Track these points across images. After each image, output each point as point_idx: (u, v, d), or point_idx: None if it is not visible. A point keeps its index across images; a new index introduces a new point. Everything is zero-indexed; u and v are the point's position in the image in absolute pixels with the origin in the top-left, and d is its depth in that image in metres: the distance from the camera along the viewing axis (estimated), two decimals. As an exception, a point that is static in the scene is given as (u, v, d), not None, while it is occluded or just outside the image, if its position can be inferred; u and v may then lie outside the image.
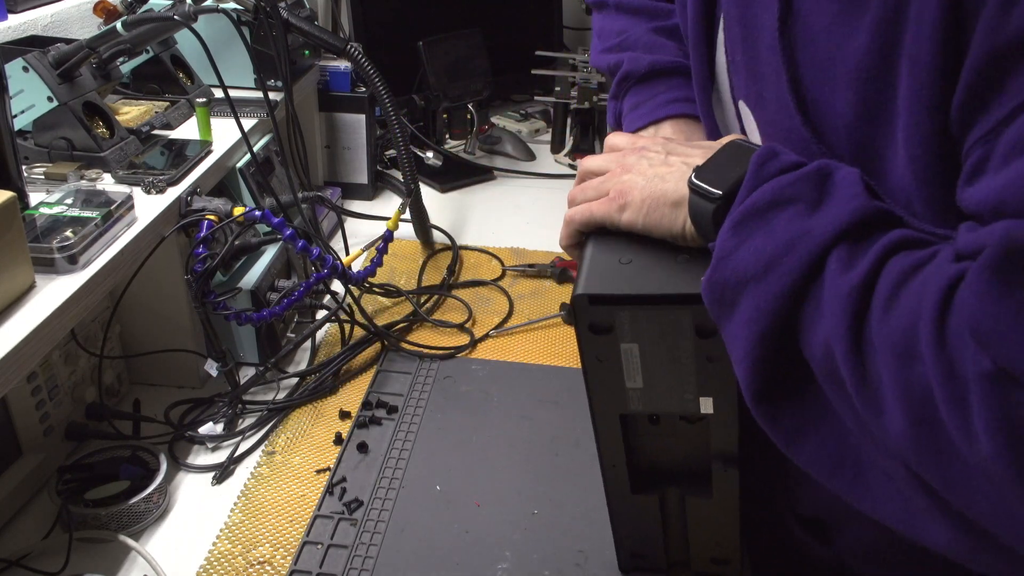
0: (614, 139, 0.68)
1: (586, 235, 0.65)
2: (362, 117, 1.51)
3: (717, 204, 0.54)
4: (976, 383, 0.40)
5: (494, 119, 1.95)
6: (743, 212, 0.52)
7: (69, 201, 0.83)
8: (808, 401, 0.50)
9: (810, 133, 0.55)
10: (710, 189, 0.54)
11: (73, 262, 0.76)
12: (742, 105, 0.64)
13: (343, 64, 1.47)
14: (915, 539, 0.47)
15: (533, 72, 1.88)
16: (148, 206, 0.90)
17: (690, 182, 0.56)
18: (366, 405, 1.03)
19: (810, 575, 0.75)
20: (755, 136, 0.63)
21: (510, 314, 1.24)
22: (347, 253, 1.31)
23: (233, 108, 1.04)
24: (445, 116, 1.71)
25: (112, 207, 0.83)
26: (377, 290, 1.26)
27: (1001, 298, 0.40)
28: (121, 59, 1.01)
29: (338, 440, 0.97)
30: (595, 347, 0.61)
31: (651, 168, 0.61)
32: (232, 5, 1.14)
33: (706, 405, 0.63)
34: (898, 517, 0.48)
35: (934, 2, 0.44)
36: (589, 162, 0.68)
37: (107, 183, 0.93)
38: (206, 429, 0.97)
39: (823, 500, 0.68)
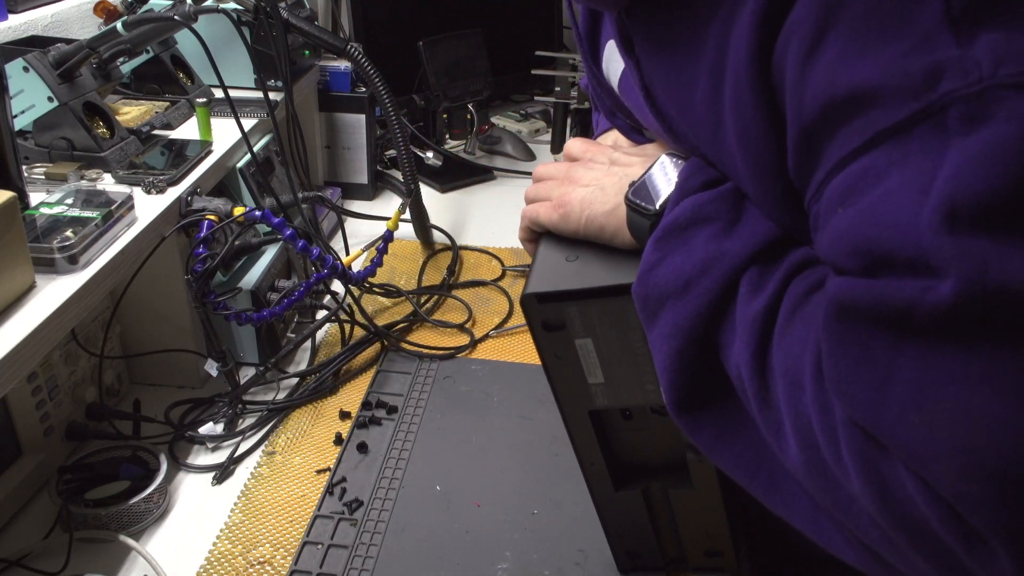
0: (570, 146, 0.71)
1: (539, 234, 0.68)
2: (362, 117, 1.51)
3: (652, 220, 0.56)
4: (841, 425, 0.43)
5: (494, 119, 1.95)
6: (665, 228, 0.54)
7: (69, 201, 0.83)
8: (727, 412, 0.52)
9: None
10: (644, 205, 0.57)
11: (73, 262, 0.76)
12: None
13: (343, 64, 1.47)
14: (828, 550, 0.48)
15: (533, 72, 1.88)
16: (148, 206, 0.90)
17: (627, 198, 0.59)
18: (366, 405, 1.03)
19: (806, 564, 0.75)
20: None
21: (510, 314, 1.24)
22: (347, 253, 1.31)
23: (233, 108, 1.04)
24: (445, 116, 1.71)
25: (112, 207, 0.83)
26: (377, 290, 1.26)
27: (839, 355, 0.42)
28: (121, 59, 1.01)
29: (338, 440, 0.97)
30: (551, 345, 0.63)
31: (593, 178, 0.64)
32: (232, 5, 1.14)
33: None
34: (810, 528, 0.49)
35: (746, 82, 0.47)
36: (543, 168, 0.71)
37: (107, 183, 0.93)
38: (206, 429, 0.97)
39: None
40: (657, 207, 0.56)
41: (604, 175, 0.64)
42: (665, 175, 0.58)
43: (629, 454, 0.72)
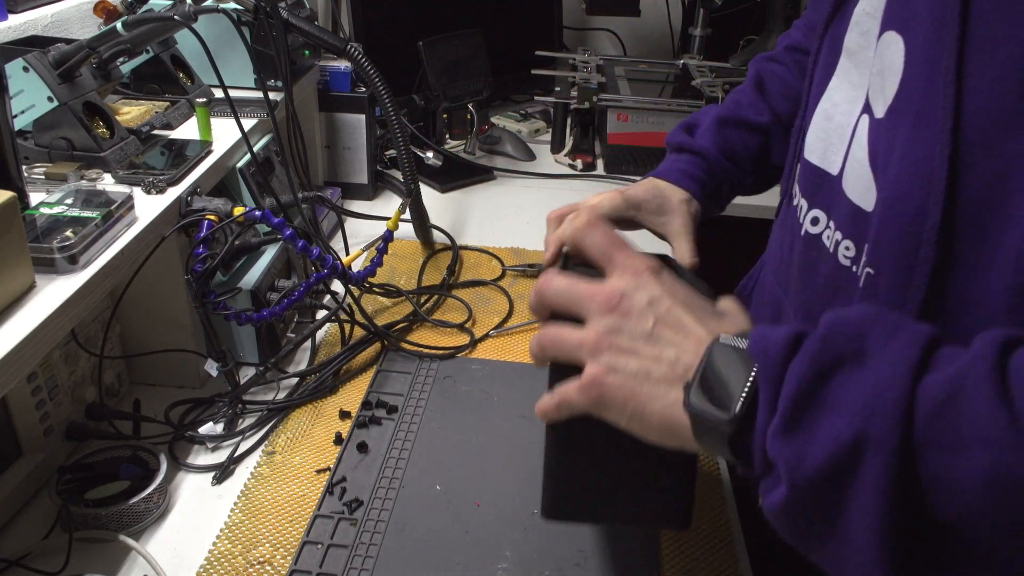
0: (591, 242, 0.59)
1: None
2: (362, 117, 1.51)
3: (734, 428, 0.47)
4: None
5: (494, 119, 1.95)
6: (787, 409, 0.44)
7: (69, 201, 0.83)
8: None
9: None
10: (716, 414, 0.48)
11: (73, 262, 0.76)
12: (890, 36, 0.59)
13: (343, 64, 1.47)
14: None
15: (533, 72, 1.89)
16: (148, 206, 0.90)
17: (690, 407, 0.49)
18: (366, 405, 1.03)
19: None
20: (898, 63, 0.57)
21: (510, 314, 1.25)
22: (347, 253, 1.31)
23: (233, 108, 1.04)
24: (445, 116, 1.71)
25: (112, 207, 0.83)
26: (377, 290, 1.26)
27: None
28: (121, 59, 1.01)
29: (338, 440, 0.97)
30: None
31: (633, 355, 0.53)
32: (232, 5, 1.14)
33: None
34: None
35: None
36: (553, 289, 0.58)
37: (107, 183, 0.93)
38: (206, 429, 0.97)
39: None
40: (736, 411, 0.47)
41: (649, 360, 0.53)
42: (729, 366, 0.49)
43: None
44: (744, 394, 0.47)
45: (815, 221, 0.69)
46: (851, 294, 0.63)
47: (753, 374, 0.47)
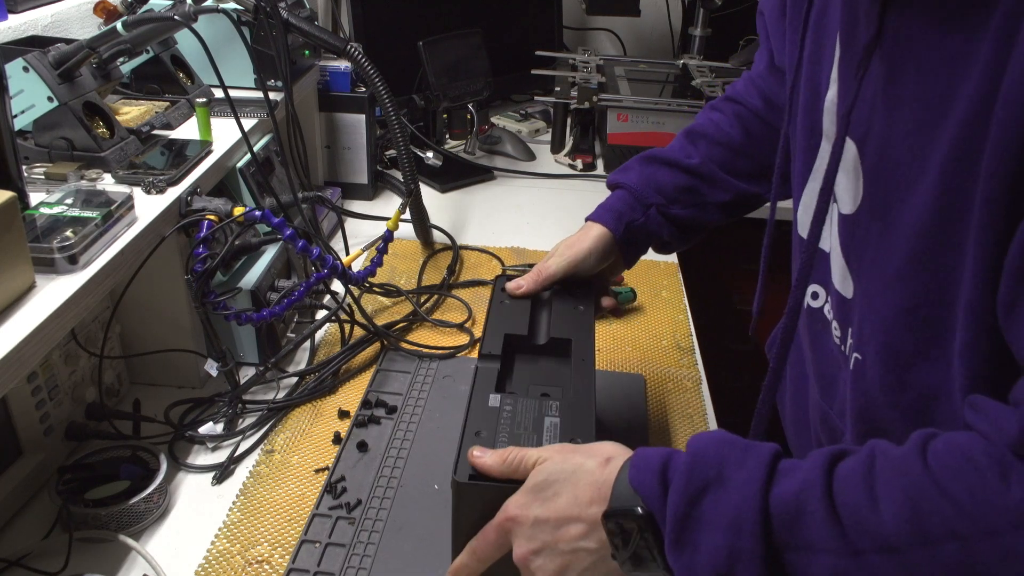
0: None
1: None
2: (362, 117, 1.51)
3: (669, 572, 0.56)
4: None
5: (494, 119, 1.95)
6: (672, 531, 0.54)
7: (69, 201, 0.83)
8: None
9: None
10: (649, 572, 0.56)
11: (73, 262, 0.76)
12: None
13: (343, 64, 1.47)
14: None
15: (533, 72, 1.89)
16: (148, 206, 0.90)
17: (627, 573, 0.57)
18: (365, 404, 1.03)
19: None
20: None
21: (510, 314, 1.24)
22: (347, 253, 1.31)
23: (233, 108, 1.04)
24: (445, 116, 1.71)
25: (112, 207, 0.83)
26: (377, 290, 1.26)
27: None
28: (121, 59, 1.01)
29: (337, 439, 0.98)
30: None
31: (569, 569, 0.61)
32: (232, 5, 1.14)
33: None
34: None
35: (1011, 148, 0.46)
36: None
37: (107, 183, 0.93)
38: (206, 429, 0.97)
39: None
40: (664, 566, 0.56)
41: (569, 555, 0.61)
42: (628, 535, 0.57)
43: None
44: (652, 544, 0.55)
45: (815, 296, 0.73)
46: (846, 373, 0.68)
47: (643, 519, 0.55)
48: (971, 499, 0.45)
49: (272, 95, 1.15)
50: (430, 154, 1.57)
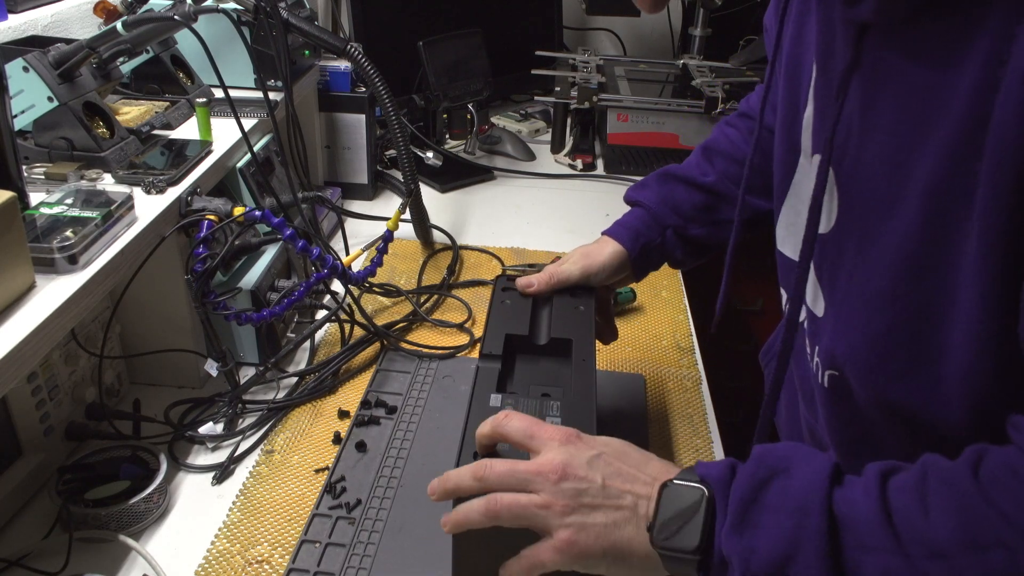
0: (538, 437, 0.64)
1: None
2: (362, 117, 1.51)
3: (699, 557, 0.55)
4: None
5: (494, 119, 1.95)
6: (738, 510, 0.54)
7: (69, 201, 0.83)
8: None
9: None
10: (682, 549, 0.55)
11: (73, 262, 0.76)
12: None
13: (343, 64, 1.47)
14: None
15: (533, 72, 1.89)
16: (148, 206, 0.90)
17: (657, 545, 0.56)
18: (365, 404, 1.03)
19: None
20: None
21: (510, 314, 1.25)
22: (347, 253, 1.31)
23: (233, 108, 1.04)
24: (445, 116, 1.71)
25: (112, 207, 0.83)
26: (377, 290, 1.26)
27: None
28: (121, 59, 1.01)
29: (337, 439, 0.98)
30: None
31: (596, 511, 0.59)
32: (232, 5, 1.15)
33: None
34: None
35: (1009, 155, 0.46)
36: (496, 473, 0.62)
37: (107, 183, 0.93)
38: (206, 429, 0.97)
39: None
40: (699, 540, 0.55)
41: (612, 510, 0.59)
42: (683, 503, 0.57)
43: None
44: (703, 520, 0.55)
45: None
46: (818, 389, 0.69)
47: (706, 498, 0.56)
48: (1016, 510, 0.46)
49: (272, 95, 1.15)
50: (430, 154, 1.57)
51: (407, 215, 1.34)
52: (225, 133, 1.10)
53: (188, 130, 1.13)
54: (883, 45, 0.56)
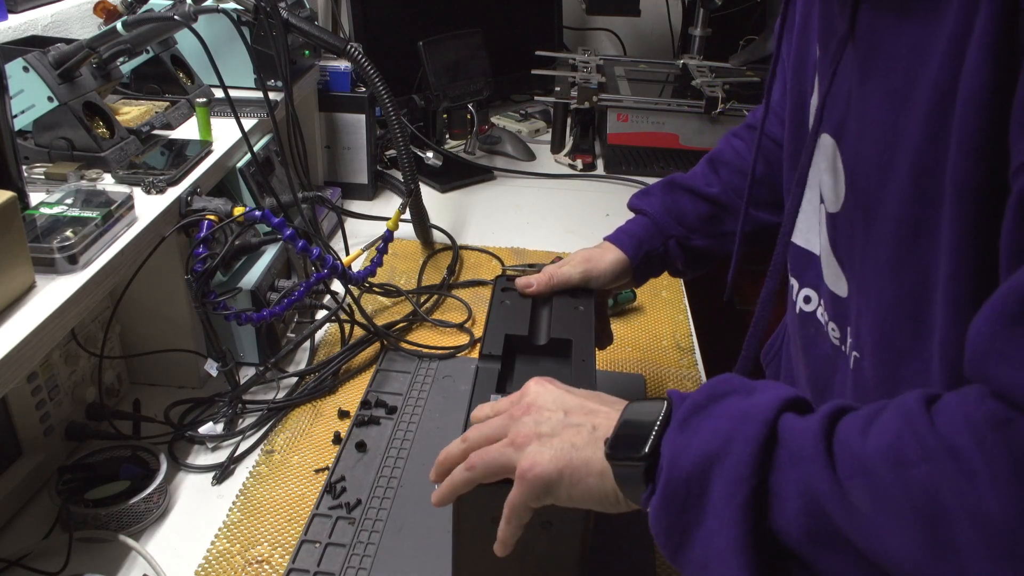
0: (495, 405, 0.66)
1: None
2: (362, 117, 1.51)
3: (646, 463, 0.53)
4: (984, 420, 0.42)
5: (494, 119, 1.95)
6: (685, 413, 0.53)
7: (69, 201, 0.83)
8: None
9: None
10: (631, 455, 0.54)
11: (73, 262, 0.76)
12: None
13: (343, 64, 1.47)
14: None
15: (533, 72, 1.89)
16: (148, 206, 0.90)
17: (608, 455, 0.55)
18: (365, 404, 1.03)
19: None
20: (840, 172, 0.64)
21: (510, 314, 1.24)
22: (347, 253, 1.31)
23: (233, 108, 1.04)
24: (445, 116, 1.71)
25: (112, 207, 0.83)
26: (377, 290, 1.26)
27: (1001, 337, 0.42)
28: (121, 59, 1.01)
29: (337, 439, 0.98)
30: None
31: (555, 437, 0.59)
32: (232, 5, 1.15)
33: None
34: None
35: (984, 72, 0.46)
36: (473, 436, 0.64)
37: (107, 183, 0.93)
38: (206, 429, 0.97)
39: None
40: (647, 450, 0.53)
41: (571, 435, 0.59)
42: (643, 413, 0.56)
43: None
44: (656, 429, 0.54)
45: (807, 300, 0.74)
46: (845, 373, 0.68)
47: (663, 412, 0.55)
48: (952, 430, 0.44)
49: (272, 95, 1.15)
50: (430, 154, 1.57)
51: (407, 215, 1.34)
52: (225, 133, 1.10)
53: (188, 130, 1.13)
54: (877, 8, 0.57)
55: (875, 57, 0.57)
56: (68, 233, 0.77)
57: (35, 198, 0.84)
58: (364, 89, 1.50)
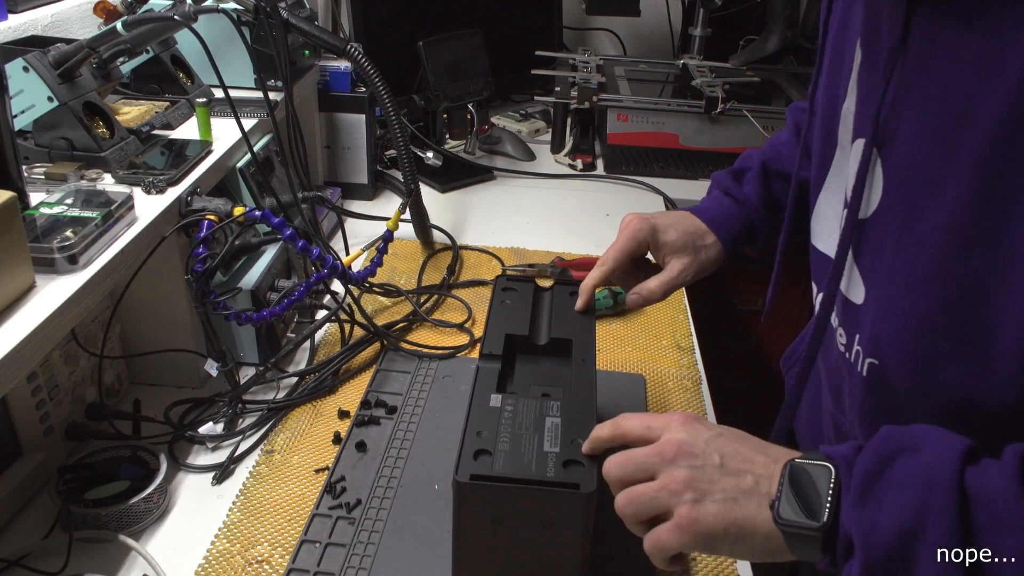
0: (645, 426, 0.64)
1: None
2: (362, 117, 1.51)
3: (824, 535, 0.53)
4: None
5: (494, 119, 1.95)
6: (861, 484, 0.52)
7: (69, 201, 0.83)
8: None
9: None
10: (808, 523, 0.53)
11: (73, 262, 0.76)
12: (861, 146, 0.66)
13: (343, 64, 1.47)
14: None
15: (533, 72, 1.89)
16: (148, 206, 0.90)
17: (780, 524, 0.54)
18: (365, 404, 1.03)
19: None
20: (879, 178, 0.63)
21: (510, 314, 1.24)
22: (347, 253, 1.31)
23: (233, 108, 1.04)
24: (445, 116, 1.71)
25: (112, 207, 0.83)
26: (377, 290, 1.26)
27: None
28: (121, 59, 1.01)
29: (337, 439, 0.98)
30: None
31: (715, 486, 0.57)
32: (232, 5, 1.14)
33: None
34: None
35: None
36: (614, 465, 0.63)
37: (107, 183, 0.93)
38: (206, 429, 0.97)
39: None
40: (825, 518, 0.52)
41: (732, 487, 0.57)
42: (811, 477, 0.55)
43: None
44: (829, 498, 0.53)
45: (824, 304, 0.73)
46: (852, 379, 0.68)
47: (833, 478, 0.53)
48: None
49: (272, 95, 1.15)
50: (430, 154, 1.57)
51: (407, 215, 1.34)
52: (225, 133, 1.10)
53: (188, 130, 1.13)
54: (934, 18, 0.56)
55: (929, 67, 0.57)
56: (68, 233, 0.77)
57: (35, 198, 0.84)
58: (364, 89, 1.50)
